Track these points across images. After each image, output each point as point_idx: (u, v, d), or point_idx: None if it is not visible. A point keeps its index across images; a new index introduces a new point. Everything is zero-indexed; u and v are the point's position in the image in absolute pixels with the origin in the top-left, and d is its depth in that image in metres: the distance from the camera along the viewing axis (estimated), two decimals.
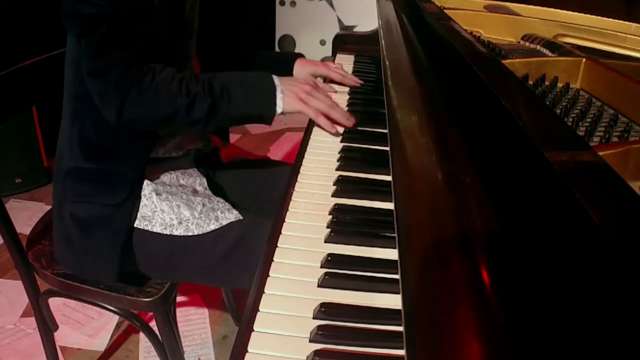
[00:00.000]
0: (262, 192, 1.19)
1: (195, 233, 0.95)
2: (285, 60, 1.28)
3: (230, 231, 0.95)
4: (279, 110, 0.94)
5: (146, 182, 0.96)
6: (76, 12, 0.85)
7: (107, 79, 0.86)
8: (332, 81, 1.26)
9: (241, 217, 0.98)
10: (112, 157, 0.95)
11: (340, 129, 0.99)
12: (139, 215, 0.95)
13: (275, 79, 0.96)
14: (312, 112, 0.96)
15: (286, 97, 0.95)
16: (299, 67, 1.25)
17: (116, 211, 0.93)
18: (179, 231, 0.95)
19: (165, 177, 1.02)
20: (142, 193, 0.95)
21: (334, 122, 0.98)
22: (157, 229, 0.95)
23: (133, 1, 0.87)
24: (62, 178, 0.98)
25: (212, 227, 0.95)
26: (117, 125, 0.89)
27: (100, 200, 0.94)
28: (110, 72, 0.86)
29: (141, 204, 0.95)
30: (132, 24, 0.87)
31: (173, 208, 0.95)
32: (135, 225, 0.95)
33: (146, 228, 0.95)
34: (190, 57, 1.05)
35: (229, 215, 0.97)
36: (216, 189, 1.11)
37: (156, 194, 0.96)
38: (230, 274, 0.98)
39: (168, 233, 0.95)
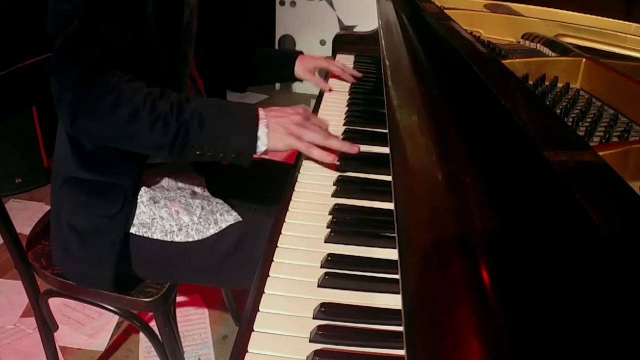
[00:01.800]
0: (262, 192, 1.19)
1: (196, 238, 0.94)
2: (286, 61, 1.29)
3: (230, 233, 0.95)
4: (262, 147, 0.82)
5: (144, 189, 0.95)
6: (53, 9, 0.81)
7: (66, 77, 0.78)
8: (332, 76, 1.34)
9: (240, 219, 0.97)
10: (107, 169, 0.93)
11: (335, 158, 0.86)
12: (137, 222, 0.94)
13: (261, 111, 0.84)
14: (303, 146, 0.85)
15: (273, 132, 0.82)
16: (300, 64, 1.27)
17: (112, 222, 0.92)
18: (179, 237, 0.94)
19: (164, 181, 1.01)
20: (140, 200, 0.94)
21: (331, 151, 0.87)
22: (157, 235, 0.94)
23: (116, 4, 0.81)
24: (59, 186, 0.97)
25: (212, 231, 0.95)
26: (72, 132, 0.83)
27: (95, 212, 0.92)
28: (70, 70, 0.78)
29: (139, 210, 0.94)
30: (111, 26, 0.81)
31: (172, 214, 0.94)
32: (134, 232, 0.94)
33: (145, 235, 0.94)
34: (187, 62, 1.03)
35: (228, 218, 0.97)
36: (215, 190, 1.11)
37: (154, 202, 0.94)
38: (231, 275, 0.97)
39: (169, 240, 0.94)
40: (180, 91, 1.01)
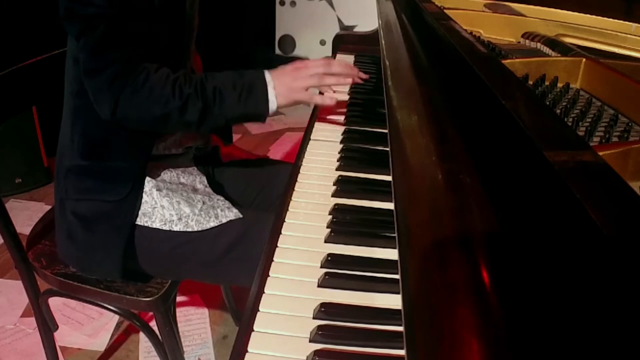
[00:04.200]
0: (262, 192, 1.19)
1: (195, 229, 0.95)
2: None
3: (231, 228, 0.96)
4: (273, 107, 0.94)
5: (147, 178, 0.97)
6: (73, 12, 0.85)
7: (103, 78, 0.86)
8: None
9: (241, 216, 0.98)
10: (114, 154, 0.95)
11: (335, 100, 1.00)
12: (139, 212, 0.95)
13: (267, 74, 0.94)
14: (305, 97, 0.96)
15: (278, 92, 0.93)
16: None
17: (119, 207, 0.94)
18: (178, 227, 0.95)
19: (166, 175, 1.03)
20: (144, 189, 0.95)
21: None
22: (156, 224, 0.95)
23: (132, 1, 0.87)
24: (63, 175, 0.98)
25: (212, 224, 0.96)
26: (112, 121, 0.90)
27: (102, 197, 0.94)
28: (106, 70, 0.86)
29: (142, 200, 0.95)
30: (131, 24, 0.87)
31: (173, 204, 0.96)
32: (136, 222, 0.95)
33: (146, 224, 0.95)
34: (189, 54, 1.05)
35: (229, 214, 0.97)
36: (216, 188, 1.11)
37: (157, 190, 0.96)
38: (231, 270, 0.98)
39: (167, 229, 0.95)
40: None
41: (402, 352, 0.46)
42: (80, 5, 0.84)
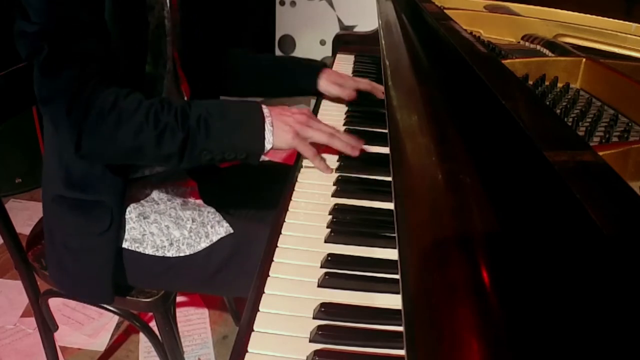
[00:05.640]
0: (261, 192, 1.18)
1: (187, 253, 0.93)
2: (308, 70, 1.17)
3: (223, 245, 0.94)
4: (268, 146, 0.82)
5: (133, 205, 0.94)
6: (21, 33, 0.78)
7: (58, 106, 0.76)
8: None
9: (232, 231, 0.94)
10: (88, 187, 0.91)
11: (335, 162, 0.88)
12: (129, 237, 0.93)
13: (265, 109, 0.83)
14: (308, 152, 0.85)
15: (277, 129, 0.82)
16: (324, 77, 1.15)
17: (102, 239, 0.91)
18: (170, 252, 0.93)
19: (154, 193, 0.99)
20: (129, 217, 0.93)
21: (336, 151, 0.89)
22: (148, 251, 0.93)
23: (76, 12, 0.77)
24: (49, 203, 0.96)
25: (203, 245, 0.93)
26: (79, 157, 0.81)
27: (84, 230, 0.91)
28: (59, 97, 0.76)
29: (129, 226, 0.93)
30: (80, 39, 0.78)
31: (162, 230, 0.93)
32: (127, 247, 0.93)
33: (138, 250, 0.93)
34: (165, 60, 0.97)
35: (219, 230, 0.94)
36: (212, 192, 1.09)
37: (144, 218, 0.94)
38: (225, 285, 0.97)
39: (160, 255, 0.93)
40: (159, 92, 0.97)
41: (402, 352, 0.46)
42: (24, 22, 0.77)
